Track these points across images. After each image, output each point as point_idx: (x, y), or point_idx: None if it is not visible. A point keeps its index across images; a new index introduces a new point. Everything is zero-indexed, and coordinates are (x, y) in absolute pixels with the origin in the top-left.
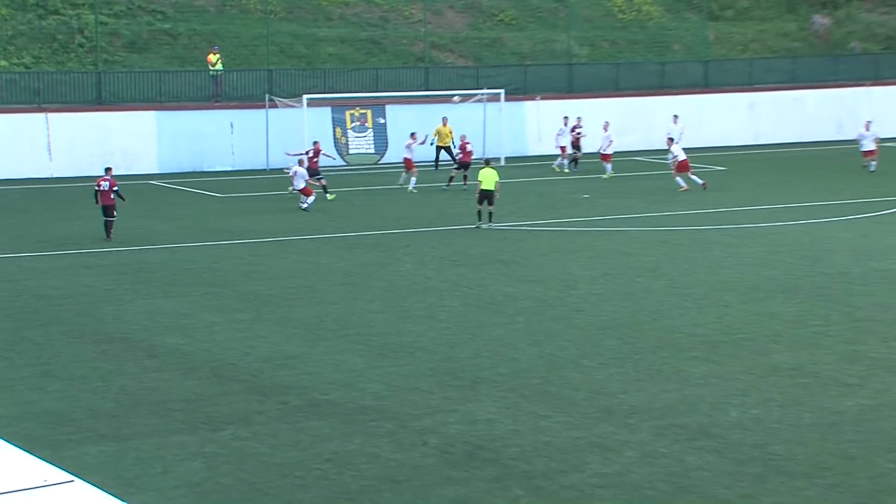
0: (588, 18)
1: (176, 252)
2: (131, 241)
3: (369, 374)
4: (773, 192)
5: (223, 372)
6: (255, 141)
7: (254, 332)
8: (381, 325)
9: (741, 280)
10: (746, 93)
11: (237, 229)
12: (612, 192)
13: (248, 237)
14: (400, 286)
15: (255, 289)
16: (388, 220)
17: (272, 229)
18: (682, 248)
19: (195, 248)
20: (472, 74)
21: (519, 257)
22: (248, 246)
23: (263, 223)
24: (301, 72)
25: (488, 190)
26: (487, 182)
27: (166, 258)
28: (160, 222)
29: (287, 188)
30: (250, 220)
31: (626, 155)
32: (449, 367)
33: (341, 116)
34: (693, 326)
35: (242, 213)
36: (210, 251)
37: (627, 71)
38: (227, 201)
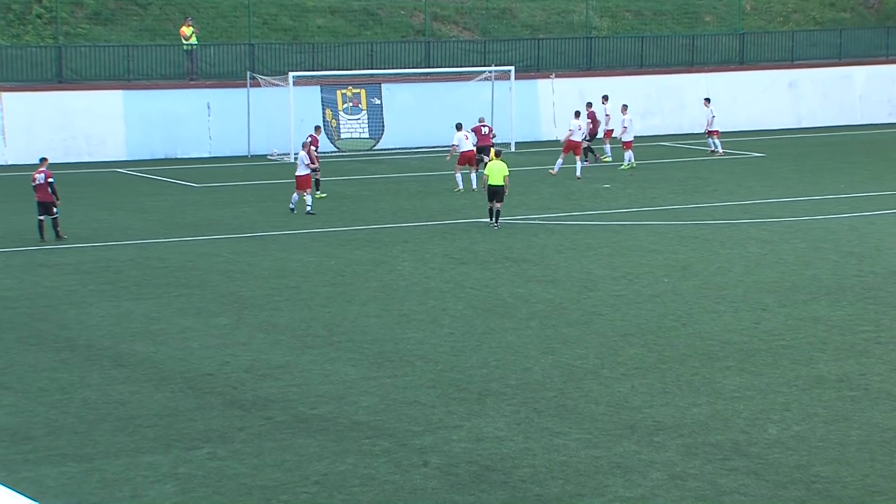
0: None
1: (146, 249)
2: (95, 237)
3: (363, 385)
4: (817, 182)
5: (199, 384)
6: (235, 124)
7: (233, 339)
8: (377, 331)
9: (781, 280)
10: (787, 70)
11: (215, 223)
12: (635, 182)
13: (227, 232)
14: (397, 287)
15: (235, 290)
16: (383, 213)
17: (254, 223)
18: (715, 245)
19: (167, 245)
20: (479, 49)
21: (531, 255)
22: (227, 242)
23: (244, 216)
24: (286, 46)
25: (496, 185)
26: (495, 176)
27: (135, 255)
28: (128, 215)
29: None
30: (230, 212)
31: (652, 140)
32: (453, 378)
33: (332, 97)
34: (727, 332)
35: (221, 206)
36: (184, 248)
37: (653, 45)
38: (203, 192)
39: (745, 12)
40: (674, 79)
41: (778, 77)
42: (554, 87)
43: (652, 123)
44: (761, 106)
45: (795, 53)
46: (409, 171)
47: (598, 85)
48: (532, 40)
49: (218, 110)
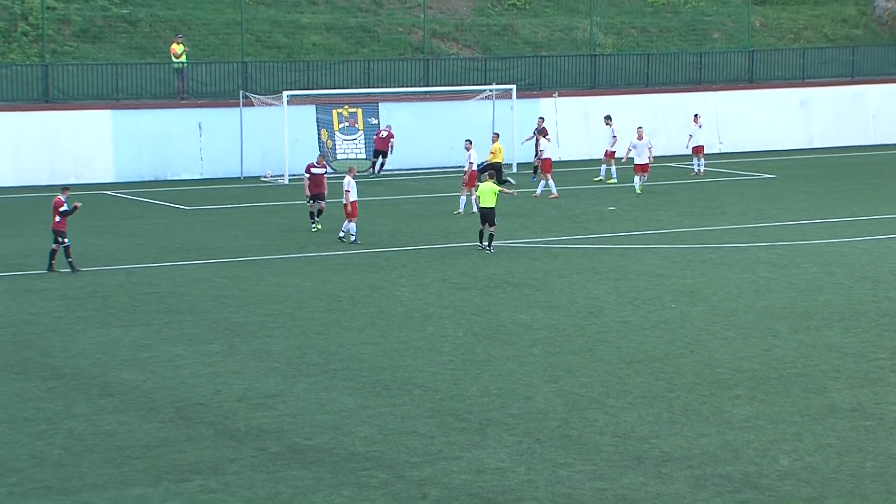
0: (614, 2)
1: (135, 274)
2: (83, 262)
3: (360, 415)
4: (829, 204)
5: (190, 413)
6: (228, 145)
7: (226, 367)
8: (374, 359)
9: (792, 306)
10: (798, 88)
11: (207, 247)
12: (641, 204)
13: (219, 256)
14: (395, 313)
15: (227, 316)
16: (381, 236)
17: (247, 247)
18: (724, 269)
19: (157, 270)
20: (480, 67)
21: (533, 279)
22: (219, 267)
23: (237, 240)
24: (280, 64)
25: (486, 207)
26: (486, 198)
27: (124, 281)
28: (117, 239)
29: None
30: (222, 236)
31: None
32: (452, 408)
33: (327, 116)
34: (737, 360)
35: (213, 229)
36: (175, 273)
37: (659, 63)
38: (194, 215)
39: (755, 29)
40: (681, 97)
41: (788, 96)
42: (557, 107)
43: (658, 143)
44: (771, 126)
45: (806, 71)
46: (408, 193)
47: (603, 104)
48: (534, 58)
49: (210, 130)
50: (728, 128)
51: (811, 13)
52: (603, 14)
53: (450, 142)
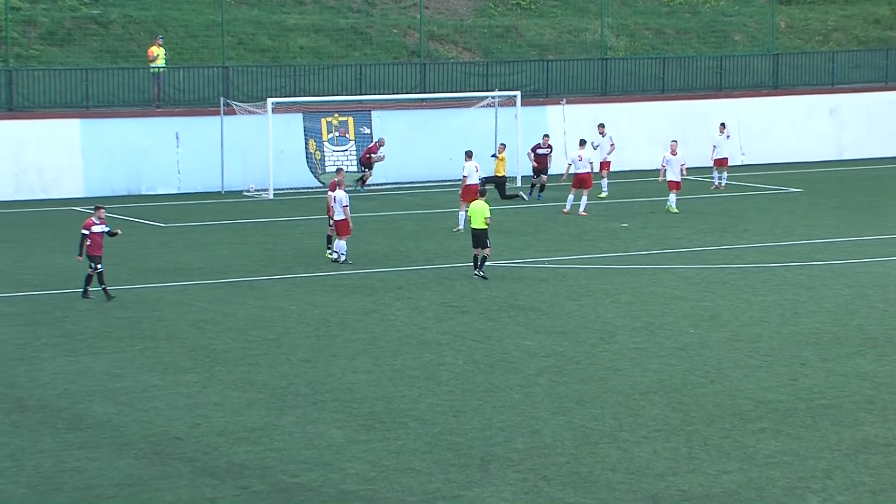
0: (627, 2)
1: None
2: (49, 284)
3: (351, 450)
4: (862, 221)
5: (166, 448)
6: (207, 156)
7: (205, 398)
8: (366, 389)
9: (821, 331)
10: (827, 95)
11: (184, 268)
12: (656, 221)
13: (198, 277)
14: (390, 339)
15: (206, 343)
16: (374, 255)
17: (228, 268)
18: (747, 291)
19: (131, 292)
20: (481, 72)
21: (540, 302)
22: (198, 289)
23: (217, 260)
24: (265, 69)
25: (476, 229)
26: (476, 219)
27: (94, 304)
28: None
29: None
30: (201, 256)
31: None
32: (452, 442)
33: (316, 125)
34: (761, 390)
35: (191, 248)
36: (150, 295)
37: (676, 67)
38: (171, 232)
39: (780, 31)
40: (699, 105)
41: (817, 103)
42: (565, 115)
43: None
44: (798, 135)
45: (836, 76)
46: (403, 209)
47: (615, 112)
48: (540, 62)
49: (188, 141)
50: (751, 138)
51: (841, 13)
52: (615, 14)
53: (449, 153)
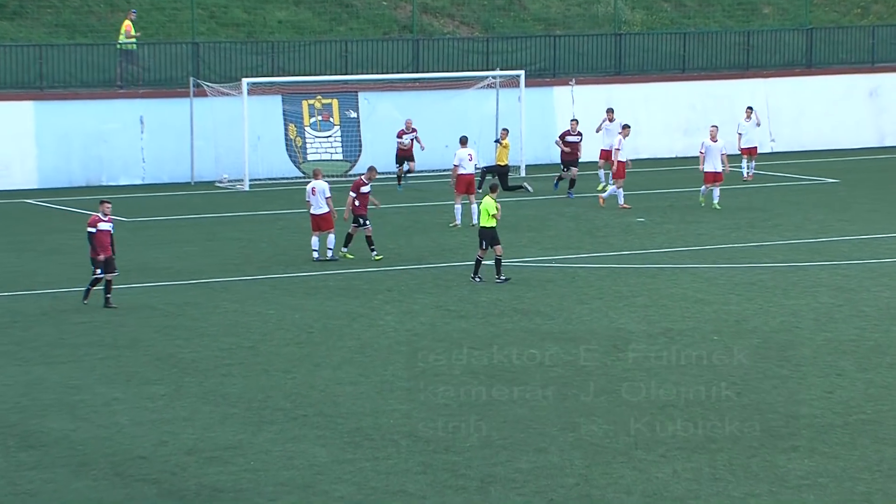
0: None
1: (62, 300)
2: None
3: (336, 471)
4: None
5: (129, 469)
6: (175, 143)
7: (173, 413)
8: (353, 403)
9: (860, 338)
10: (866, 74)
11: (150, 267)
12: (676, 215)
13: (165, 278)
14: (379, 347)
15: (174, 351)
16: (363, 252)
17: (199, 267)
18: (777, 293)
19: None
20: (480, 49)
21: (546, 306)
22: (164, 291)
23: (186, 259)
24: (239, 46)
25: (485, 228)
26: (483, 216)
27: (48, 308)
28: (39, 258)
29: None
30: (168, 253)
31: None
32: (448, 462)
33: (296, 108)
34: (792, 404)
35: (157, 245)
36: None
37: (698, 44)
38: (135, 228)
39: (814, 3)
40: (724, 86)
41: (855, 83)
42: (574, 97)
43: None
44: (834, 119)
45: (877, 54)
46: (394, 202)
47: (629, 93)
48: (546, 37)
49: (154, 126)
50: (781, 122)
51: None
52: None
53: (444, 139)
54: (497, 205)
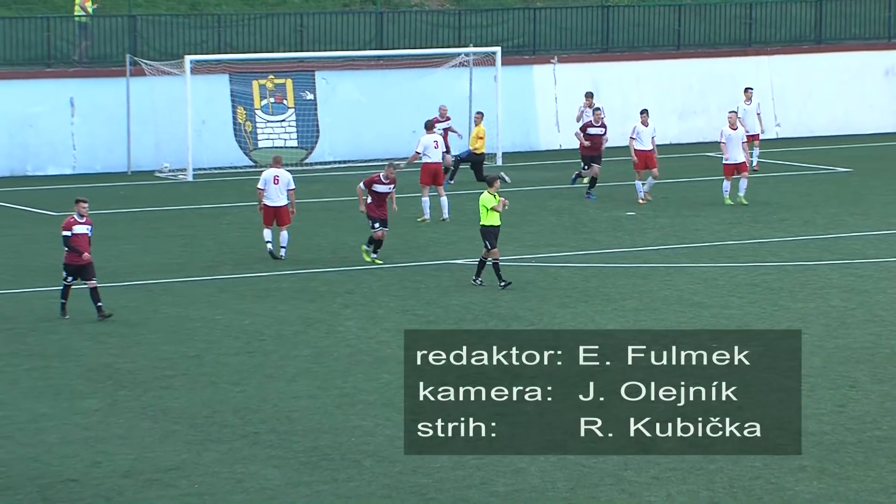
0: None
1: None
2: None
3: (290, 494)
4: None
5: (59, 493)
6: (110, 128)
7: (107, 431)
8: (309, 418)
9: (875, 345)
10: (882, 51)
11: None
12: (670, 208)
13: (98, 279)
14: (338, 356)
15: (109, 361)
16: (319, 251)
17: (137, 267)
18: (783, 295)
19: (11, 298)
20: (452, 24)
21: (525, 310)
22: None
23: (123, 257)
24: (181, 19)
25: (486, 226)
26: (482, 214)
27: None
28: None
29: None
30: (102, 252)
31: (694, 148)
32: (416, 484)
33: (246, 89)
34: (800, 419)
35: (90, 242)
36: (37, 302)
37: (695, 18)
38: None
39: None
40: (724, 64)
41: (870, 61)
42: (556, 76)
43: (694, 126)
44: (846, 101)
45: (895, 28)
46: (355, 194)
47: (618, 72)
48: (525, 10)
49: (85, 109)
50: (788, 105)
51: None
52: None
53: (411, 124)
54: (499, 199)
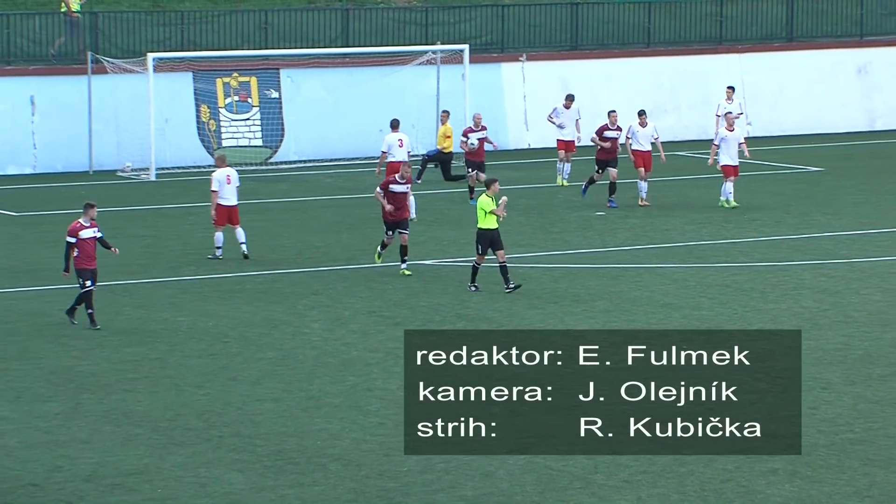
0: None
1: None
2: None
3: (255, 499)
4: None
5: (19, 498)
6: (71, 127)
7: (68, 434)
8: (274, 422)
9: (848, 347)
10: (854, 49)
11: (42, 268)
12: (640, 209)
13: (59, 281)
14: (304, 358)
15: (71, 364)
16: (285, 251)
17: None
18: (754, 296)
19: None
20: (419, 21)
21: (493, 311)
22: (59, 295)
23: None
24: (144, 16)
25: (483, 229)
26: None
27: None
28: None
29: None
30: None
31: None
32: (383, 488)
33: (209, 87)
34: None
35: (50, 243)
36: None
37: (666, 15)
38: (24, 224)
39: None
40: (696, 62)
41: (842, 60)
42: (525, 74)
43: (665, 124)
44: (818, 100)
45: (867, 26)
46: (321, 194)
47: (588, 70)
48: (494, 7)
49: (46, 107)
50: (759, 103)
51: None
52: None
53: (378, 123)
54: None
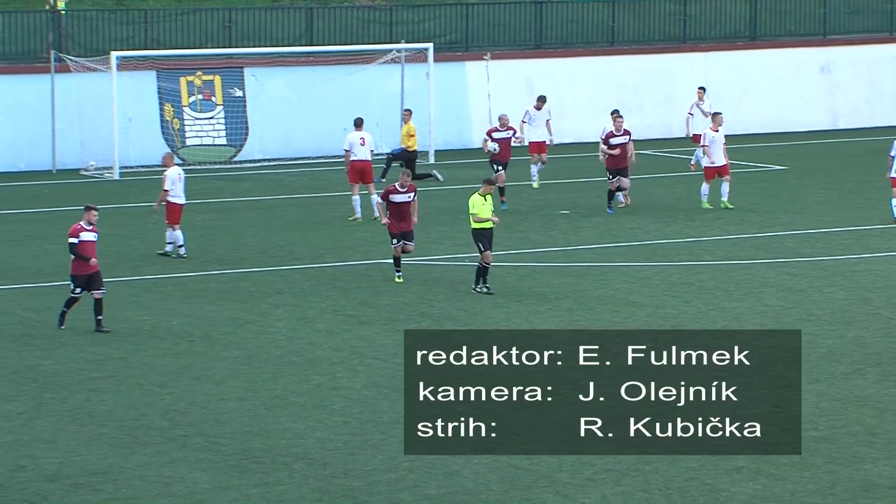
0: None
1: None
2: None
3: (219, 498)
4: (861, 206)
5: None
6: (34, 125)
7: (31, 434)
8: (239, 421)
9: (811, 345)
10: (818, 48)
11: (5, 267)
12: (604, 207)
13: (21, 280)
14: (268, 357)
15: (33, 363)
16: (248, 251)
17: (61, 267)
18: (717, 294)
19: None
20: (383, 19)
21: (457, 310)
22: (21, 294)
23: (47, 257)
24: (107, 15)
25: (476, 229)
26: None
27: None
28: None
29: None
30: (26, 252)
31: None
32: (348, 487)
33: (173, 86)
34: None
35: (13, 242)
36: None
37: (630, 13)
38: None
39: None
40: (659, 61)
41: (805, 58)
42: (489, 73)
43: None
44: (782, 99)
45: (830, 25)
46: (285, 192)
47: (552, 69)
48: (458, 6)
49: (9, 106)
50: (723, 102)
51: None
52: None
53: (342, 122)
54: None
